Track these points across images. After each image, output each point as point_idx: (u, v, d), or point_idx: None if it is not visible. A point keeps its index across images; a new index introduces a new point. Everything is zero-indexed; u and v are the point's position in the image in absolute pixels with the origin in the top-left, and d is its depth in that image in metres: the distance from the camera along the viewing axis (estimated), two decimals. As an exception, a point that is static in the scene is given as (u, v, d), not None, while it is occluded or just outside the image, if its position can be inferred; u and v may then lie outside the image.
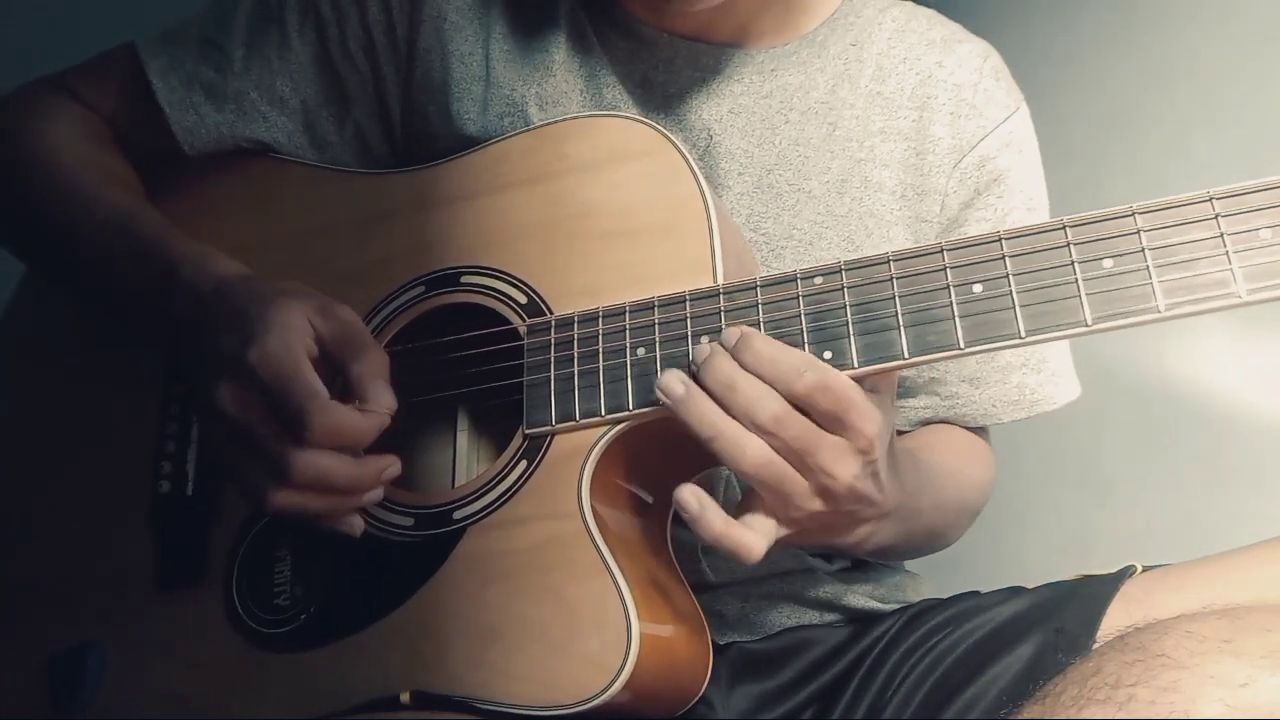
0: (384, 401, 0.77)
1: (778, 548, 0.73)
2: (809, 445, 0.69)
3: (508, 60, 0.93)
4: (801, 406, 0.69)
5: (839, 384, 0.69)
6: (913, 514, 0.82)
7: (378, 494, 0.79)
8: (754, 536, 0.71)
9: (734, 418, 0.70)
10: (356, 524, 0.79)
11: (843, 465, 0.70)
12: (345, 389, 0.78)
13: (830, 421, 0.70)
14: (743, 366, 0.70)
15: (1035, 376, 0.98)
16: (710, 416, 0.70)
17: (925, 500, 0.85)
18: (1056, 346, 1.00)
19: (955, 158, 0.95)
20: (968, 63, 0.97)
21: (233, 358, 0.77)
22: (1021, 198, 0.98)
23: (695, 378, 0.71)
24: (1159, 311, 0.66)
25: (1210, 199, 0.67)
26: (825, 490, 0.71)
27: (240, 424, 0.76)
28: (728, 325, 0.74)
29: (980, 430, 1.02)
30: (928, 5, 1.02)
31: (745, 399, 0.69)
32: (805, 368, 0.69)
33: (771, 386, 0.69)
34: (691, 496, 0.70)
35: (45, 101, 0.98)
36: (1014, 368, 0.98)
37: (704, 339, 0.74)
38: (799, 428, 0.69)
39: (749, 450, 0.69)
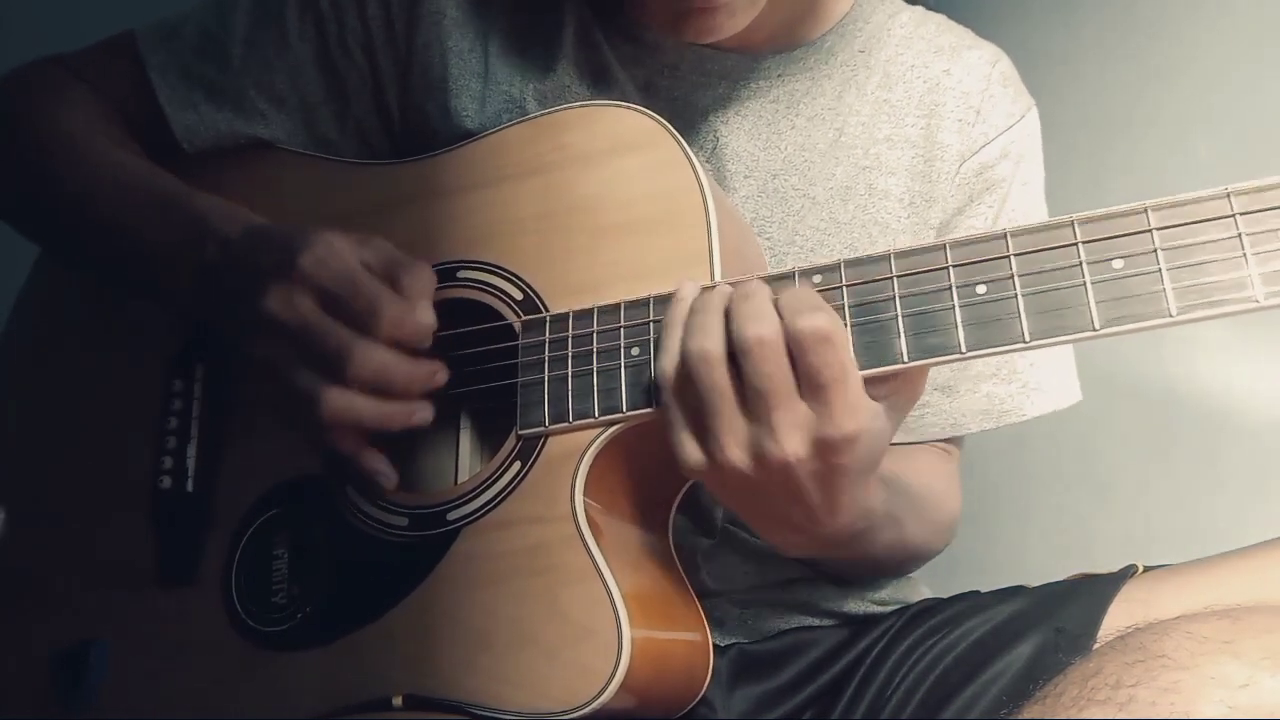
0: (425, 319, 0.77)
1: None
2: (774, 391, 0.65)
3: (507, 58, 0.93)
4: (794, 351, 0.65)
5: (845, 351, 0.66)
6: (875, 542, 0.80)
7: (427, 414, 0.78)
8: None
9: (730, 320, 0.67)
10: (425, 414, 0.78)
11: (792, 438, 0.66)
12: None
13: (811, 385, 0.65)
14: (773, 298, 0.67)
15: (1005, 387, 0.96)
16: (710, 319, 0.68)
17: (905, 528, 0.84)
18: (1030, 358, 0.98)
19: (958, 164, 0.95)
20: (976, 70, 0.97)
21: (279, 268, 0.77)
22: (1008, 207, 0.97)
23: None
24: (1171, 315, 0.63)
25: (1228, 195, 0.63)
26: (760, 452, 0.66)
27: (295, 325, 0.76)
28: None
29: (949, 451, 1.01)
30: (928, 5, 1.02)
31: (752, 308, 0.67)
32: (822, 310, 0.65)
33: (780, 313, 0.66)
34: None
35: (50, 76, 0.98)
36: (984, 377, 0.96)
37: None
38: (774, 366, 0.65)
39: (709, 345, 0.67)
